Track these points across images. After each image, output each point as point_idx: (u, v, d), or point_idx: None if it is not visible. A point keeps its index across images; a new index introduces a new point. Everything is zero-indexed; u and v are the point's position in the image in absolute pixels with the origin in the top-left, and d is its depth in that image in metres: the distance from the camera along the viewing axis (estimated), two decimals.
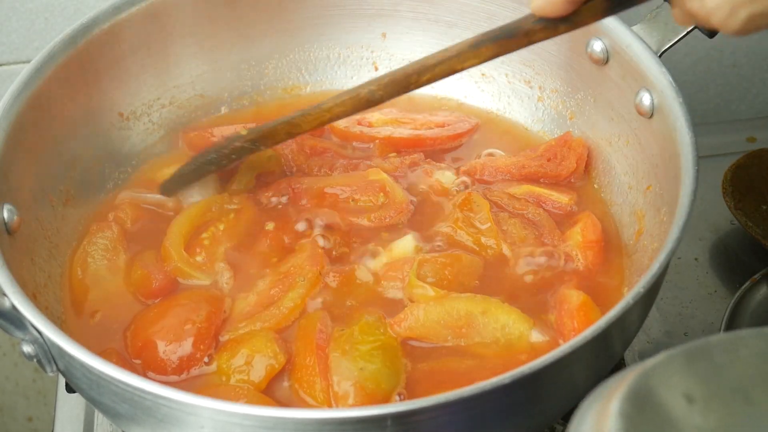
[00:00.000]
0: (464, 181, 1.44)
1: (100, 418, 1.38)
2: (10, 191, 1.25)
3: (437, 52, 1.22)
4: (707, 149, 1.50)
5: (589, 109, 1.46)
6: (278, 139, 1.35)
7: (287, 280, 1.30)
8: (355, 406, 1.16)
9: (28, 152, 1.31)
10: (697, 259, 1.56)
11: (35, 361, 1.14)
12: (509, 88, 1.54)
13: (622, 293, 1.30)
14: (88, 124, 1.43)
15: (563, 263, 1.33)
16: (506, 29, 1.16)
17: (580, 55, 1.42)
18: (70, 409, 1.40)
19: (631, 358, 1.41)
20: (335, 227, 1.37)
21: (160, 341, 1.23)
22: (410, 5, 1.54)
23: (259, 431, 1.01)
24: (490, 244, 1.34)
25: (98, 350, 1.15)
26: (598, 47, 1.39)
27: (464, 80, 1.56)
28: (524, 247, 1.34)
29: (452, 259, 1.31)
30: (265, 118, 1.51)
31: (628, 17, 1.37)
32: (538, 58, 1.49)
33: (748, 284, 1.46)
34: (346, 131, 1.51)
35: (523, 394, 1.05)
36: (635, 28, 1.35)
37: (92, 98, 1.43)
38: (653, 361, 0.83)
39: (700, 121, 1.80)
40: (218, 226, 1.37)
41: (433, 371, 1.22)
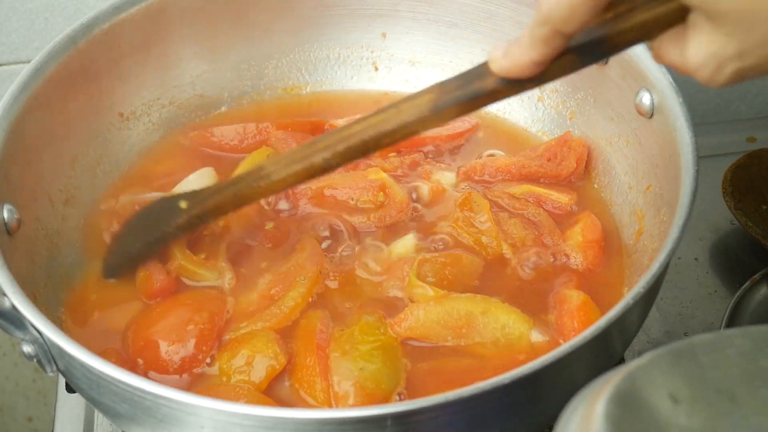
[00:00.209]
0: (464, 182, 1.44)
1: (100, 418, 1.38)
2: (10, 191, 1.25)
3: (392, 110, 1.10)
4: (707, 149, 1.50)
5: (589, 109, 1.46)
6: (225, 210, 1.27)
7: (287, 279, 1.30)
8: (355, 406, 1.16)
9: (28, 152, 1.31)
10: (697, 259, 1.56)
11: (35, 361, 1.14)
12: None
13: (622, 293, 1.30)
14: (88, 124, 1.43)
15: (563, 263, 1.33)
16: (469, 91, 1.04)
17: None
18: (70, 409, 1.40)
19: (631, 358, 1.41)
20: (335, 227, 1.37)
21: (162, 341, 1.23)
22: (410, 5, 1.54)
23: (259, 431, 1.01)
24: (490, 243, 1.34)
25: (98, 350, 1.15)
26: None
27: None
28: (524, 247, 1.34)
29: (452, 258, 1.31)
30: (265, 118, 1.52)
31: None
32: None
33: (748, 284, 1.46)
34: None
35: (523, 394, 1.05)
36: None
37: (92, 98, 1.43)
38: (638, 361, 0.83)
39: (700, 121, 1.80)
40: (219, 223, 1.37)
41: (433, 371, 1.22)
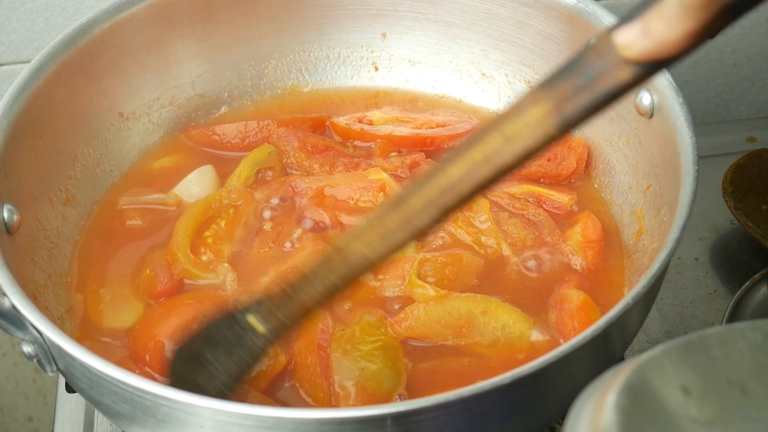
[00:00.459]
0: None
1: (100, 418, 1.38)
2: (10, 191, 1.25)
3: (497, 138, 0.92)
4: (707, 149, 1.50)
5: None
6: (313, 311, 1.06)
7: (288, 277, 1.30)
8: (356, 406, 1.16)
9: (28, 152, 1.31)
10: (697, 259, 1.56)
11: (35, 361, 1.14)
12: (509, 88, 1.54)
13: (622, 293, 1.30)
14: (88, 124, 1.43)
15: (563, 263, 1.33)
16: (599, 91, 0.83)
17: None
18: (70, 409, 1.40)
19: (631, 358, 1.41)
20: (335, 226, 1.37)
21: (167, 341, 1.22)
22: (410, 5, 1.54)
23: (259, 431, 1.01)
24: (490, 243, 1.34)
25: (98, 350, 1.14)
26: None
27: (465, 80, 1.56)
28: (524, 246, 1.34)
29: (452, 258, 1.31)
30: (265, 117, 1.52)
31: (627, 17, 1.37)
32: (538, 58, 1.49)
33: (748, 284, 1.46)
34: (347, 129, 1.51)
35: (523, 394, 1.05)
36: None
37: (92, 98, 1.43)
38: (649, 354, 0.83)
39: (700, 121, 1.80)
40: (219, 223, 1.37)
41: (434, 371, 1.22)
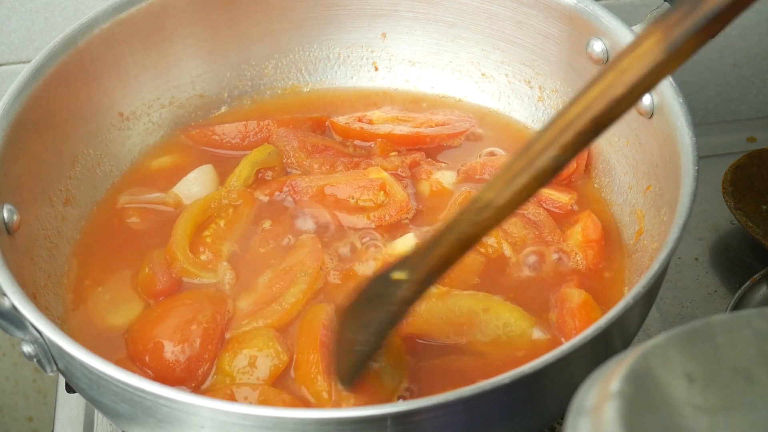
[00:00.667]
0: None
1: (100, 418, 1.38)
2: (10, 191, 1.25)
3: (612, 74, 0.87)
4: (707, 149, 1.50)
5: None
6: (450, 262, 1.05)
7: (288, 276, 1.30)
8: (357, 405, 1.16)
9: (28, 152, 1.31)
10: (697, 259, 1.56)
11: (35, 361, 1.14)
12: (509, 88, 1.54)
13: (622, 293, 1.30)
14: (88, 124, 1.43)
15: (564, 262, 1.33)
16: (705, 12, 0.77)
17: (580, 55, 1.42)
18: (70, 409, 1.40)
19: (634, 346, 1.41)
20: (335, 225, 1.37)
21: (167, 342, 1.22)
22: (410, 5, 1.54)
23: (258, 431, 1.01)
24: (490, 242, 1.34)
25: (99, 350, 1.14)
26: (598, 47, 1.38)
27: (464, 80, 1.56)
28: (525, 245, 1.34)
29: None
30: (265, 117, 1.52)
31: (628, 17, 1.37)
32: (538, 58, 1.49)
33: (748, 284, 1.46)
34: (346, 128, 1.51)
35: (523, 394, 1.05)
36: (635, 28, 1.35)
37: (92, 98, 1.43)
38: (654, 341, 0.82)
39: (700, 121, 1.80)
40: (219, 222, 1.37)
41: (436, 369, 1.22)
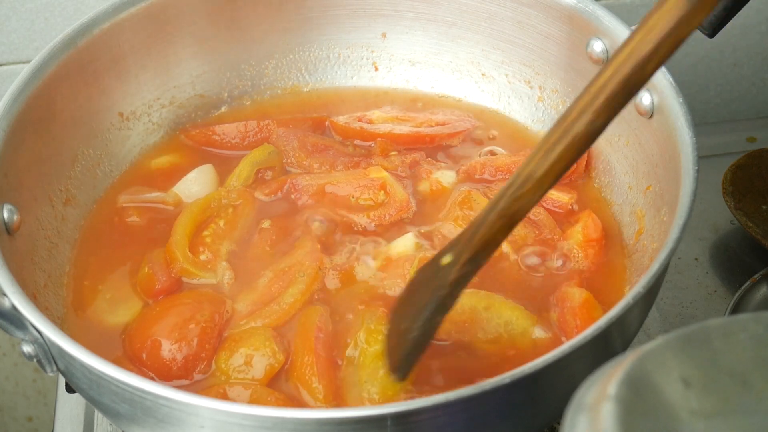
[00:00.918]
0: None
1: (100, 418, 1.38)
2: (10, 191, 1.25)
3: (640, 32, 0.98)
4: (707, 149, 1.50)
5: None
6: (498, 240, 1.07)
7: (287, 276, 1.30)
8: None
9: (28, 152, 1.31)
10: (697, 259, 1.56)
11: (35, 361, 1.14)
12: (509, 88, 1.54)
13: (622, 293, 1.30)
14: (88, 124, 1.43)
15: (564, 261, 1.33)
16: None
17: (580, 55, 1.42)
18: (70, 409, 1.40)
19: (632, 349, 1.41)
20: (335, 225, 1.37)
21: (164, 340, 1.22)
22: (410, 5, 1.54)
23: (258, 431, 1.01)
24: None
25: (98, 349, 1.14)
26: (598, 47, 1.38)
27: (464, 80, 1.56)
28: (525, 244, 1.34)
29: None
30: (265, 117, 1.52)
31: (628, 17, 1.37)
32: (538, 58, 1.49)
33: (748, 284, 1.46)
34: (346, 127, 1.51)
35: (523, 394, 1.05)
36: (635, 28, 1.34)
37: (92, 98, 1.43)
38: (650, 345, 0.83)
39: (700, 121, 1.79)
40: (218, 222, 1.37)
41: (439, 369, 1.22)
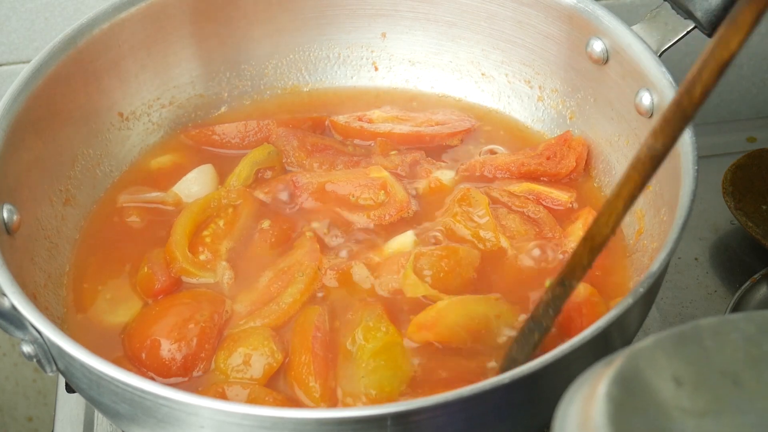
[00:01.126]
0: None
1: (100, 418, 1.38)
2: (10, 191, 1.25)
3: None
4: (707, 149, 1.50)
5: (589, 108, 1.46)
6: (587, 264, 1.06)
7: (286, 276, 1.30)
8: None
9: (28, 152, 1.31)
10: (697, 259, 1.56)
11: (35, 361, 1.14)
12: (509, 87, 1.54)
13: (622, 293, 1.30)
14: (88, 124, 1.43)
15: (564, 259, 1.33)
16: None
17: (580, 55, 1.42)
18: (70, 409, 1.40)
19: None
20: (335, 224, 1.37)
21: (164, 340, 1.22)
22: (410, 5, 1.54)
23: (258, 431, 1.01)
24: (488, 237, 1.34)
25: (98, 349, 1.14)
26: (598, 47, 1.38)
27: (465, 80, 1.56)
28: (524, 241, 1.34)
29: (449, 251, 1.31)
30: (265, 117, 1.52)
31: (628, 17, 1.37)
32: (538, 58, 1.49)
33: (748, 284, 1.46)
34: (346, 127, 1.51)
35: (522, 394, 1.05)
36: (635, 28, 1.35)
37: (92, 98, 1.43)
38: (642, 344, 0.83)
39: (700, 121, 1.79)
40: (218, 222, 1.37)
41: (442, 369, 1.22)
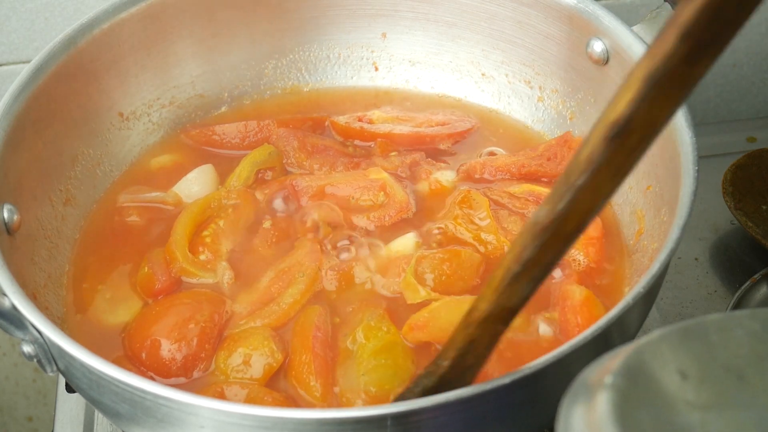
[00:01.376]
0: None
1: (100, 418, 1.38)
2: (10, 191, 1.25)
3: None
4: (707, 149, 1.50)
5: (589, 109, 1.46)
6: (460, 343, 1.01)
7: (286, 276, 1.30)
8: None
9: (28, 152, 1.31)
10: (697, 259, 1.56)
11: (35, 361, 1.14)
12: (509, 88, 1.54)
13: (622, 293, 1.30)
14: (88, 124, 1.43)
15: (564, 260, 1.32)
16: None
17: (580, 55, 1.42)
18: (70, 409, 1.40)
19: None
20: (335, 225, 1.37)
21: (164, 340, 1.22)
22: (410, 5, 1.54)
23: (258, 431, 1.01)
24: (489, 239, 1.34)
25: (98, 349, 1.14)
26: (598, 47, 1.38)
27: (465, 80, 1.56)
28: None
29: (450, 254, 1.31)
30: (265, 117, 1.52)
31: (628, 17, 1.37)
32: (538, 58, 1.49)
33: (748, 284, 1.46)
34: (346, 127, 1.51)
35: (522, 394, 1.05)
36: (635, 28, 1.35)
37: (92, 98, 1.43)
38: (648, 338, 0.83)
39: (700, 121, 1.80)
40: (218, 222, 1.37)
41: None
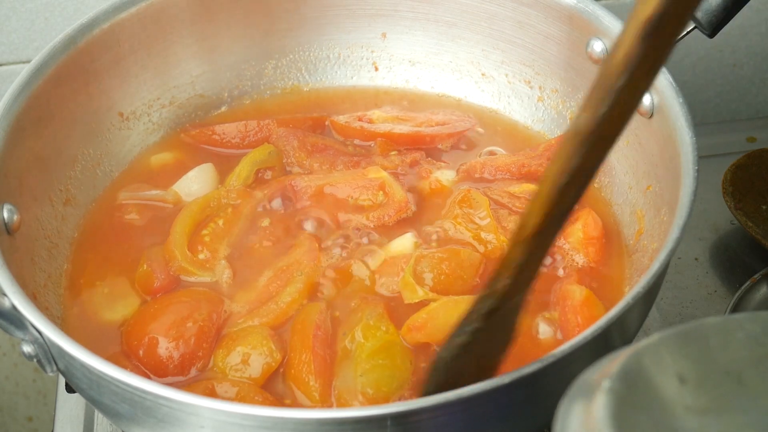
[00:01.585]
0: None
1: (100, 418, 1.38)
2: (10, 191, 1.25)
3: None
4: (707, 149, 1.50)
5: None
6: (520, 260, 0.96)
7: (285, 275, 1.30)
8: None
9: (28, 152, 1.31)
10: (697, 259, 1.56)
11: (35, 361, 1.14)
12: (509, 88, 1.54)
13: (622, 293, 1.30)
14: (88, 124, 1.43)
15: (564, 260, 1.33)
16: None
17: (580, 55, 1.42)
18: (70, 409, 1.40)
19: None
20: (334, 224, 1.37)
21: (162, 338, 1.22)
22: (410, 5, 1.54)
23: (258, 431, 1.01)
24: (489, 239, 1.34)
25: (98, 348, 1.14)
26: (598, 47, 1.38)
27: (465, 80, 1.56)
28: None
29: (450, 253, 1.31)
30: (265, 117, 1.52)
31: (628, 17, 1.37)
32: (538, 58, 1.49)
33: (748, 284, 1.46)
34: (346, 127, 1.51)
35: (522, 394, 1.05)
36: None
37: (92, 98, 1.43)
38: (646, 341, 0.83)
39: (700, 121, 1.80)
40: (217, 221, 1.37)
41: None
